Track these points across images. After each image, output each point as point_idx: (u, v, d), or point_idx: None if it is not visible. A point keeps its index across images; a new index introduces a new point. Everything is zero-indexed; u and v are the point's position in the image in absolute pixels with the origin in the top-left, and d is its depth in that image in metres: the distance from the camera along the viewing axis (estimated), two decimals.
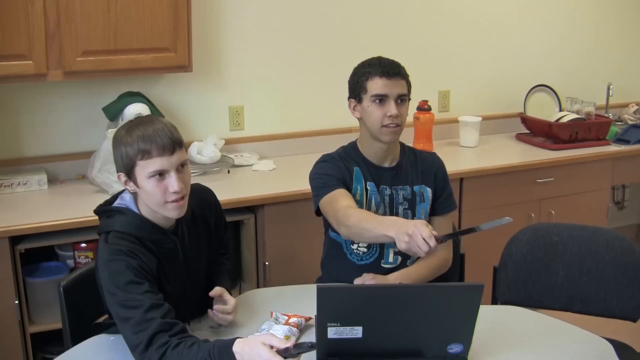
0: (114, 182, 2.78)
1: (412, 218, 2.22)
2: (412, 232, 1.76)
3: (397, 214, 2.21)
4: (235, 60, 3.35)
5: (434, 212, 2.26)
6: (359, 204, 2.18)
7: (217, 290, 1.89)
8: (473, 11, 3.86)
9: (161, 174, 1.74)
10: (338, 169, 2.19)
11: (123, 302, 1.66)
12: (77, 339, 1.86)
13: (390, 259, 2.22)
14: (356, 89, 2.17)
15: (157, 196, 1.75)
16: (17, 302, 2.54)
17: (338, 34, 3.54)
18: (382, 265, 2.21)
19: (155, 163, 1.73)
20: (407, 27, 3.70)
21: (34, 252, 2.64)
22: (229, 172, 3.17)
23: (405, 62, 2.22)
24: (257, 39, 3.37)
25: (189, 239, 1.89)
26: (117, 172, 1.80)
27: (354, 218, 1.97)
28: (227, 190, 2.87)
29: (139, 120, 1.79)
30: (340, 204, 2.05)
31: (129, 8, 2.74)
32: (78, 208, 2.66)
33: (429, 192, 2.24)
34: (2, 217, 2.56)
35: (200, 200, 1.95)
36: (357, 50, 3.57)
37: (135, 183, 1.77)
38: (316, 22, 3.48)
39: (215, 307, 1.88)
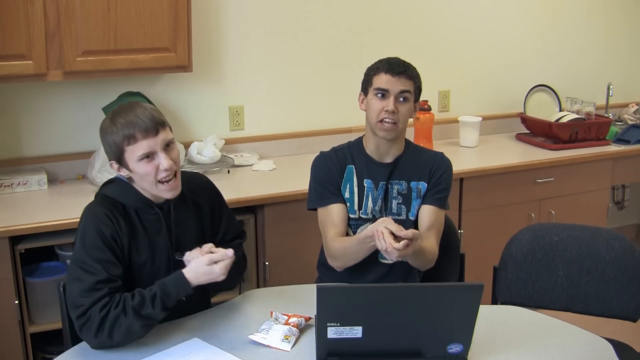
0: None
1: (407, 213, 2.25)
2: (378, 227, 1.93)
3: (390, 209, 2.24)
4: (235, 60, 3.35)
5: (423, 202, 2.26)
6: (349, 201, 2.23)
7: (206, 246, 1.84)
8: (473, 11, 3.86)
9: (149, 156, 1.81)
10: (330, 172, 2.24)
11: (81, 264, 1.76)
12: (77, 339, 1.86)
13: None
14: (365, 83, 2.25)
15: (150, 176, 1.83)
16: (17, 302, 2.54)
17: (338, 35, 3.54)
18: (379, 260, 2.23)
19: (142, 146, 1.80)
20: (408, 27, 3.70)
21: (34, 252, 2.64)
22: (229, 172, 3.17)
23: None
24: (257, 39, 3.37)
25: (176, 215, 1.93)
26: (109, 161, 1.88)
27: (337, 251, 2.15)
28: (227, 190, 2.84)
29: (120, 108, 1.86)
30: (329, 233, 2.19)
31: (129, 8, 2.74)
32: (78, 208, 2.61)
33: (425, 187, 2.25)
34: (2, 217, 2.56)
35: (196, 187, 2.02)
36: (357, 50, 3.58)
37: (128, 168, 1.85)
38: (316, 23, 3.48)
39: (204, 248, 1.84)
